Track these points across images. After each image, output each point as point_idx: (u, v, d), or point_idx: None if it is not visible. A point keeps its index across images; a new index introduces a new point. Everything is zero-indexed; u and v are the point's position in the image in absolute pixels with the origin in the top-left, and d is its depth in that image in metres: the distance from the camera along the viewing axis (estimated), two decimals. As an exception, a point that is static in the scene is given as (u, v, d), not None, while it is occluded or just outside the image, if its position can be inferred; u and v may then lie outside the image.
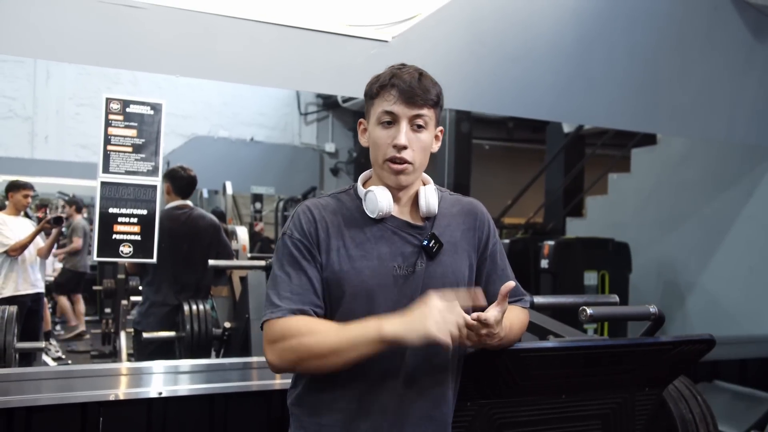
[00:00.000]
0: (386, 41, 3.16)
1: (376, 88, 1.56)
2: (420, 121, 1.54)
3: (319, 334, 1.47)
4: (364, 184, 1.66)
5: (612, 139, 7.06)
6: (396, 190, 1.59)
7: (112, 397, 2.58)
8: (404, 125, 1.53)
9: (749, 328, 4.33)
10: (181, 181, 4.11)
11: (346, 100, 10.84)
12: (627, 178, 5.96)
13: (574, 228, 6.37)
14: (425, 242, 1.58)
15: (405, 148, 1.53)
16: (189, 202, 4.19)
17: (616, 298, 2.52)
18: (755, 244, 4.51)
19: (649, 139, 6.02)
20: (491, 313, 1.46)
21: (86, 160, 9.60)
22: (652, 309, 2.02)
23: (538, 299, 2.22)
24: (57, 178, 9.70)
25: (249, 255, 5.26)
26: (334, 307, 1.55)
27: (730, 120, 4.16)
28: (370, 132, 1.59)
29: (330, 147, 11.94)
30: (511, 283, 1.50)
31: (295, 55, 3.06)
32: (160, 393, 2.66)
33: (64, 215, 6.00)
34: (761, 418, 3.37)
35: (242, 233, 5.63)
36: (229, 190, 9.40)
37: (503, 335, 1.54)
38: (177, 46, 2.86)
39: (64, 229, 9.31)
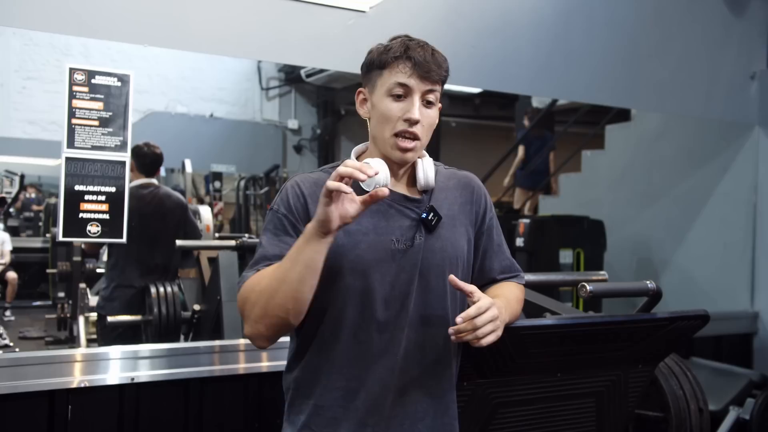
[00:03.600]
0: (363, 11, 3.08)
1: (390, 58, 1.50)
2: (431, 97, 1.52)
3: (269, 274, 1.44)
4: (358, 158, 1.61)
5: (584, 116, 7.06)
6: (395, 164, 1.55)
7: (81, 384, 2.48)
8: (417, 99, 1.49)
9: (723, 305, 4.37)
10: (145, 159, 4.00)
11: (309, 75, 10.60)
12: (601, 155, 5.95)
13: (548, 206, 6.35)
14: (424, 215, 1.55)
15: (417, 122, 1.49)
16: (154, 180, 4.10)
17: (605, 274, 2.51)
18: (730, 220, 4.54)
19: (623, 116, 6.04)
20: (470, 312, 1.41)
21: (35, 137, 9.31)
22: (650, 285, 2.00)
23: (528, 277, 2.18)
24: (3, 156, 9.36)
25: (217, 234, 5.15)
26: (331, 282, 1.50)
27: (707, 96, 4.18)
28: (375, 103, 1.54)
29: (293, 123, 11.73)
30: (470, 287, 1.45)
31: (270, 25, 2.97)
32: (133, 379, 2.57)
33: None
34: (739, 393, 3.41)
35: (206, 213, 5.50)
36: (189, 169, 9.19)
37: (505, 317, 1.51)
38: (146, 13, 2.74)
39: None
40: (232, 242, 3.61)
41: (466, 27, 3.39)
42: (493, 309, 1.44)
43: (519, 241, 4.59)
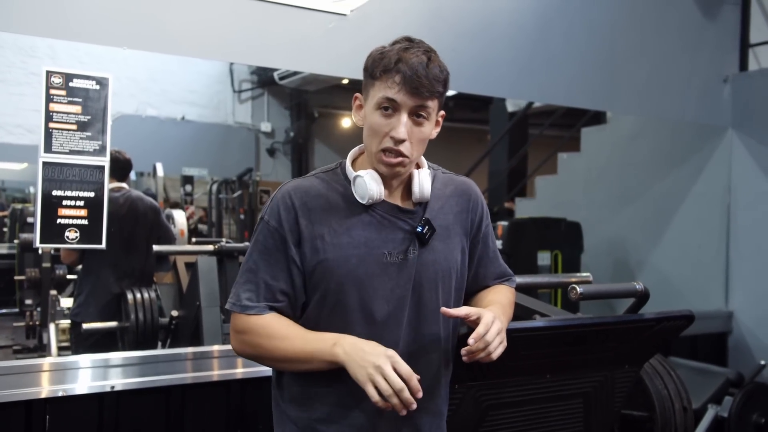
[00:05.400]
0: (344, 15, 3.07)
1: (379, 71, 1.42)
2: (422, 113, 1.44)
3: (279, 340, 1.43)
4: (353, 162, 1.56)
5: (560, 119, 7.10)
6: (388, 177, 1.51)
7: (59, 393, 2.43)
8: (405, 117, 1.43)
9: (698, 305, 4.41)
10: (117, 164, 3.93)
11: (282, 77, 10.50)
12: (577, 158, 5.98)
13: (524, 208, 6.38)
14: (419, 229, 1.51)
15: (403, 141, 1.43)
16: (125, 185, 4.03)
17: (589, 276, 2.53)
18: (705, 221, 4.61)
19: (598, 119, 6.09)
20: (480, 330, 1.42)
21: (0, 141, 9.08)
22: (638, 286, 2.03)
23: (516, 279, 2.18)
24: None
25: (195, 240, 5.08)
26: (323, 298, 1.47)
27: (682, 99, 4.24)
28: (366, 114, 1.48)
29: (266, 126, 11.60)
30: (463, 311, 1.47)
31: (250, 28, 2.94)
32: (113, 387, 2.53)
33: None
34: (717, 391, 3.45)
35: (180, 217, 5.42)
36: (160, 172, 9.05)
37: (505, 323, 1.53)
38: (124, 16, 2.70)
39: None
40: (210, 247, 3.57)
41: (446, 30, 3.38)
42: (497, 322, 1.43)
43: (497, 244, 4.60)
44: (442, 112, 1.54)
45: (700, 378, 3.56)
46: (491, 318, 1.42)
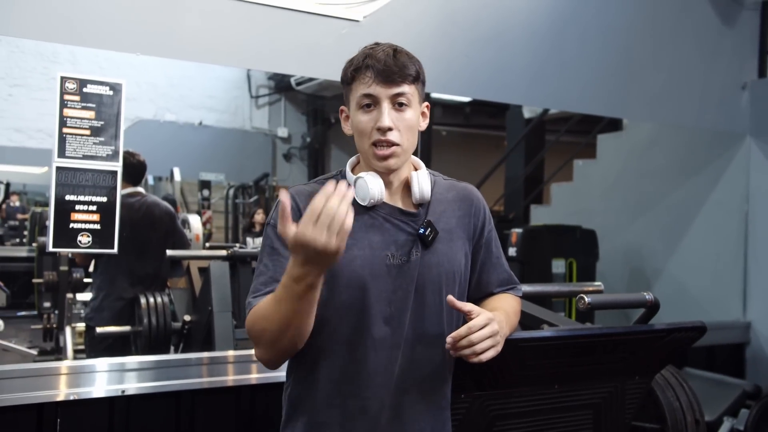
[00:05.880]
0: (357, 21, 3.08)
1: (351, 72, 1.48)
2: (402, 99, 1.47)
3: (265, 316, 1.39)
4: (352, 170, 1.59)
5: (576, 125, 7.07)
6: (386, 175, 1.52)
7: (70, 397, 2.44)
8: (386, 106, 1.46)
9: (716, 315, 4.37)
10: (131, 168, 3.94)
11: (299, 83, 10.55)
12: (593, 165, 5.95)
13: (539, 215, 6.36)
14: (421, 230, 1.52)
15: (390, 129, 1.46)
16: (141, 189, 4.05)
17: (600, 285, 2.50)
18: (722, 230, 4.55)
19: (614, 125, 6.05)
20: (461, 332, 1.40)
21: (21, 145, 9.20)
22: (648, 296, 2.00)
23: (524, 288, 2.17)
24: (-11, 164, 9.28)
25: (209, 244, 5.10)
26: (327, 299, 1.47)
27: (699, 106, 4.20)
28: (351, 118, 1.52)
29: (282, 132, 11.64)
30: (468, 306, 1.44)
31: (263, 35, 2.95)
32: (123, 391, 2.53)
33: None
34: (733, 404, 3.40)
35: (195, 221, 5.45)
36: (177, 177, 9.12)
37: (505, 330, 1.51)
38: (137, 22, 2.72)
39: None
40: (223, 252, 3.58)
41: (460, 36, 3.38)
42: (492, 324, 1.42)
43: (511, 251, 4.58)
44: (426, 103, 1.57)
45: (716, 390, 3.51)
46: (483, 321, 1.41)
